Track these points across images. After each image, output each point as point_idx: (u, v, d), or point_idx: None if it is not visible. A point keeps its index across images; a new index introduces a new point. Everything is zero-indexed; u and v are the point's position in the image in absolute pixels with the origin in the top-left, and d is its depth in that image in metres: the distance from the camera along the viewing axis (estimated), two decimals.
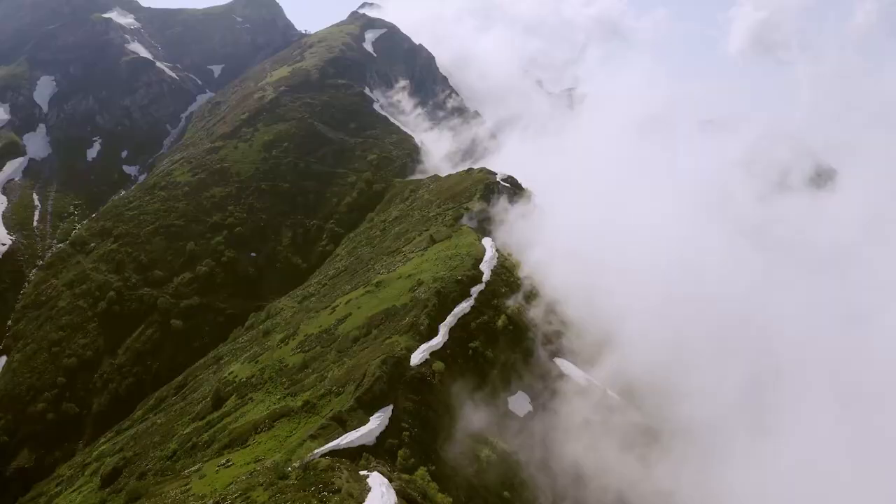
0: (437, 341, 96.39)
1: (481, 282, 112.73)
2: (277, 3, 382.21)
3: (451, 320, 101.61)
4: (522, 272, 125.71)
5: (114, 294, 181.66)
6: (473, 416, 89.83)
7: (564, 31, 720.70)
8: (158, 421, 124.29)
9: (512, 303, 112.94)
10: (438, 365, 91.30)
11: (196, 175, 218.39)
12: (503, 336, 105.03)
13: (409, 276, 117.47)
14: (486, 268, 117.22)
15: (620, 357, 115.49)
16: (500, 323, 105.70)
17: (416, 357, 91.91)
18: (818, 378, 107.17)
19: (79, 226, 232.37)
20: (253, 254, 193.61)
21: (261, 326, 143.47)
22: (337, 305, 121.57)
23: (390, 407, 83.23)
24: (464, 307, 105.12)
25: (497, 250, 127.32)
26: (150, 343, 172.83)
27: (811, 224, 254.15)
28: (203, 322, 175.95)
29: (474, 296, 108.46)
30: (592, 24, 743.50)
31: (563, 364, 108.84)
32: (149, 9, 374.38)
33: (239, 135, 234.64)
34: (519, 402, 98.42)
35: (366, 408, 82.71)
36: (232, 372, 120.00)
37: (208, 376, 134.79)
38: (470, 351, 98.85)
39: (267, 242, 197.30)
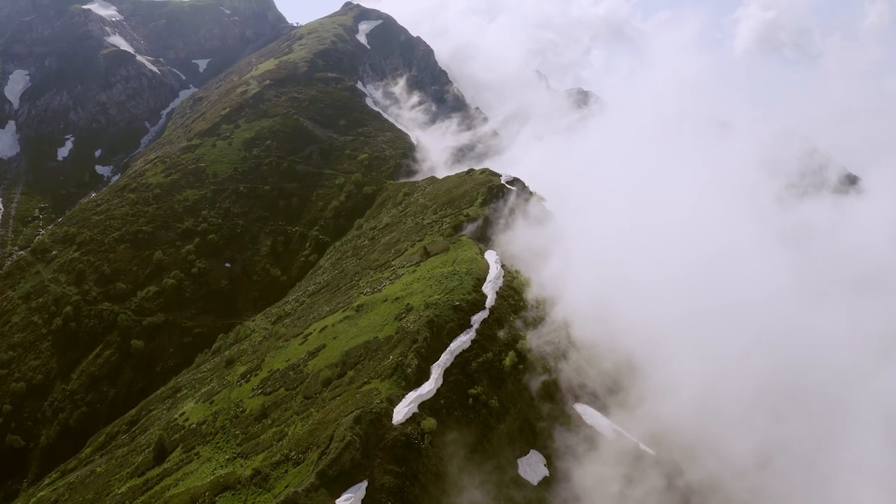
0: (429, 389, 75.56)
1: (484, 308, 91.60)
2: None
3: (446, 359, 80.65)
4: (533, 293, 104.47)
5: (71, 309, 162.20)
6: (474, 490, 69.13)
7: (570, 30, 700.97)
8: (99, 469, 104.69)
9: (522, 334, 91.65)
10: (429, 422, 70.42)
11: (169, 176, 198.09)
12: (511, 378, 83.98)
13: (397, 298, 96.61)
14: (489, 290, 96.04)
15: (652, 397, 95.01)
16: (507, 362, 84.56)
17: (401, 412, 71.12)
18: None
19: (42, 231, 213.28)
20: (227, 264, 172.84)
21: (226, 353, 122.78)
22: (310, 333, 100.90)
23: (364, 484, 62.76)
24: (462, 342, 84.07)
25: (503, 266, 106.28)
26: (107, 366, 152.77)
27: (842, 232, 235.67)
28: (167, 343, 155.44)
29: (475, 326, 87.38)
30: (599, 23, 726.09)
31: (585, 411, 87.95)
32: (133, 0, 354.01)
33: (218, 132, 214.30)
34: (532, 466, 77.48)
35: (331, 486, 62.15)
36: (183, 413, 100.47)
37: (162, 412, 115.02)
38: (470, 400, 77.86)
39: (243, 251, 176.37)
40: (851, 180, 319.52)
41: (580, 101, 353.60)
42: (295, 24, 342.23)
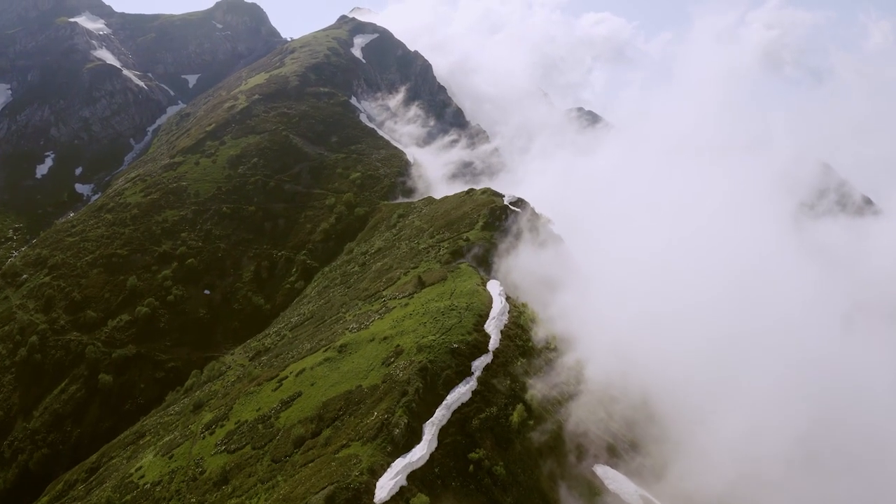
0: (420, 454, 62.15)
1: (487, 351, 78.12)
2: (262, 10, 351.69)
3: (441, 416, 67.23)
4: (542, 331, 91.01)
5: (36, 339, 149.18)
6: None
7: (572, 50, 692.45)
8: None
9: (531, 382, 78.14)
10: (420, 500, 56.98)
11: (148, 195, 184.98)
12: (520, 438, 70.36)
13: (385, 338, 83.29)
14: (493, 328, 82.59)
15: (683, 453, 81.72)
16: (515, 417, 70.97)
17: (386, 486, 57.66)
18: None
19: (15, 253, 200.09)
20: (207, 291, 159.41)
21: (196, 394, 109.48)
22: (286, 376, 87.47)
23: None
24: (461, 393, 70.59)
25: (507, 299, 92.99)
26: (72, 403, 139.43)
27: (862, 255, 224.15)
28: (138, 378, 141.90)
29: (477, 374, 73.90)
30: (602, 43, 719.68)
31: (606, 474, 74.36)
32: (122, 14, 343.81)
33: (202, 149, 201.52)
34: None
35: None
36: (140, 468, 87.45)
37: (122, 462, 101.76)
38: (471, 466, 64.37)
39: (224, 277, 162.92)
40: (866, 201, 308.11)
41: (583, 120, 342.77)
42: (288, 40, 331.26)
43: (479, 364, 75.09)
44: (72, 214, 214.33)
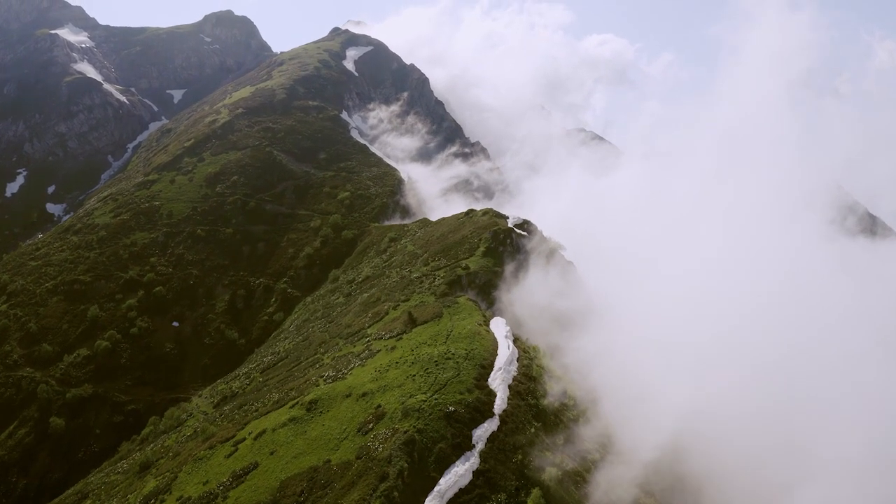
0: None
1: (492, 414, 61.56)
2: (252, 23, 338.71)
3: None
4: (558, 383, 74.48)
5: None
6: None
7: (575, 71, 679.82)
8: None
9: (548, 454, 61.57)
10: None
11: (118, 216, 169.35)
12: None
13: (365, 394, 66.91)
14: (499, 383, 66.07)
15: None
16: None
17: None
18: None
19: None
20: (175, 323, 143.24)
21: (147, 450, 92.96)
22: (243, 439, 71.07)
23: None
24: (459, 475, 54.01)
25: (515, 342, 76.66)
26: (19, 450, 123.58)
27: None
28: (93, 422, 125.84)
29: (479, 447, 57.37)
30: (604, 64, 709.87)
31: None
32: (107, 26, 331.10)
33: (179, 166, 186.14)
34: None
35: None
36: None
37: None
38: None
39: (196, 308, 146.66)
40: (883, 224, 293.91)
41: (586, 140, 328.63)
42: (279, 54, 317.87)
43: (481, 433, 58.58)
44: (40, 236, 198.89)
